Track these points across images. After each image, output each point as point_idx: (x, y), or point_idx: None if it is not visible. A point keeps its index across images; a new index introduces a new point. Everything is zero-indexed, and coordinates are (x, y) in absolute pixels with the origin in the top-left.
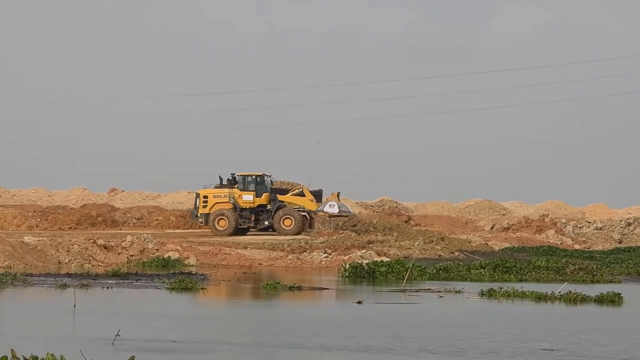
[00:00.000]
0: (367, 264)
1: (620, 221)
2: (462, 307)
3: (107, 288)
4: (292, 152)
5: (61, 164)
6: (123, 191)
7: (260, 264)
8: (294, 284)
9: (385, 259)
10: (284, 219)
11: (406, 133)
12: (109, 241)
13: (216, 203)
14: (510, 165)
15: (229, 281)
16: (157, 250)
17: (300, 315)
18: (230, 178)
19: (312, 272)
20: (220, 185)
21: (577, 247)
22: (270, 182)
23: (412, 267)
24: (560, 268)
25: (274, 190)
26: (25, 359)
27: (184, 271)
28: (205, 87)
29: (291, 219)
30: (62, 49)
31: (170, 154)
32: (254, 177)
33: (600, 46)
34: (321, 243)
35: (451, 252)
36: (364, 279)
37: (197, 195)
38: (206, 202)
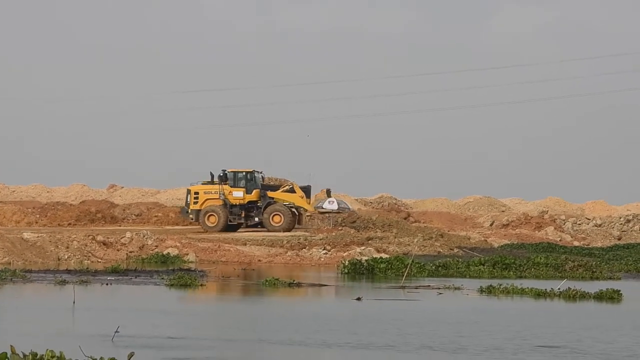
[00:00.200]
0: (366, 260)
1: (620, 218)
2: (461, 304)
3: (107, 284)
4: (292, 150)
5: (60, 161)
6: (122, 187)
7: (259, 260)
8: (293, 281)
9: (384, 256)
10: (273, 216)
11: (406, 130)
12: (108, 237)
13: (207, 199)
14: (509, 162)
15: (228, 277)
16: (156, 246)
17: (300, 312)
18: (221, 174)
19: (312, 269)
20: (212, 182)
21: (576, 243)
22: (261, 178)
23: (411, 264)
24: (560, 265)
25: (265, 187)
26: (24, 356)
27: (183, 267)
28: (205, 85)
29: (280, 216)
30: (62, 47)
31: (169, 151)
32: (244, 173)
33: (599, 44)
34: (320, 239)
35: (450, 249)
36: (363, 276)
37: (188, 191)
38: (197, 198)
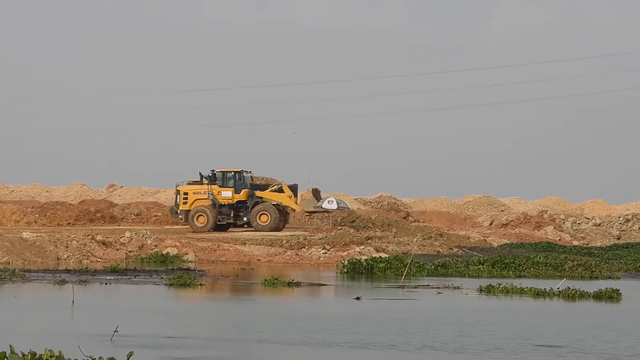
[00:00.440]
0: (365, 260)
1: (619, 217)
2: (461, 304)
3: (106, 284)
4: (292, 148)
5: (60, 160)
6: (121, 187)
7: (258, 260)
8: (293, 280)
9: (383, 255)
10: (260, 215)
11: (405, 129)
12: (107, 237)
13: (196, 199)
14: (509, 162)
15: (228, 277)
16: (155, 246)
17: (299, 311)
18: (210, 174)
19: (311, 268)
20: (200, 182)
21: (575, 243)
22: (250, 178)
23: (410, 263)
24: (559, 264)
25: (254, 187)
26: (23, 355)
27: (182, 267)
28: (204, 84)
29: (267, 215)
30: (61, 47)
31: (168, 150)
32: (232, 173)
33: (599, 43)
34: (320, 239)
35: (450, 248)
36: (363, 275)
37: (177, 192)
38: (186, 198)
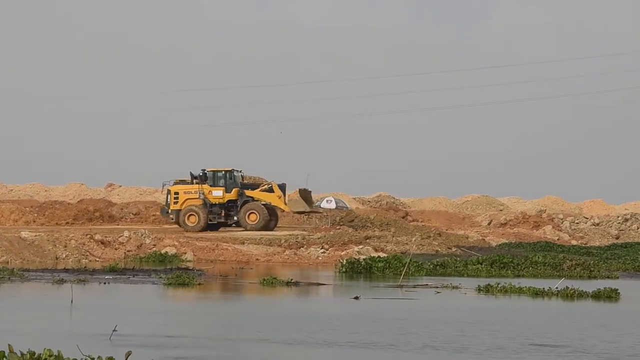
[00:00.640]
0: (364, 259)
1: (618, 217)
2: (460, 303)
3: (104, 283)
4: (291, 149)
5: (58, 160)
6: (120, 186)
7: (257, 259)
8: (291, 280)
9: (382, 255)
10: (249, 214)
11: (404, 129)
12: (106, 236)
13: (187, 199)
14: (507, 161)
15: (226, 276)
16: (154, 245)
17: (298, 311)
18: (201, 174)
19: (309, 268)
20: (191, 182)
21: (574, 242)
22: (240, 177)
23: (409, 263)
24: (558, 264)
25: (245, 186)
26: (22, 354)
27: (181, 267)
28: (203, 84)
29: (256, 214)
30: (61, 46)
31: (168, 150)
32: (223, 172)
33: (598, 44)
34: (318, 239)
35: (448, 248)
36: (361, 275)
37: (168, 191)
38: (177, 198)
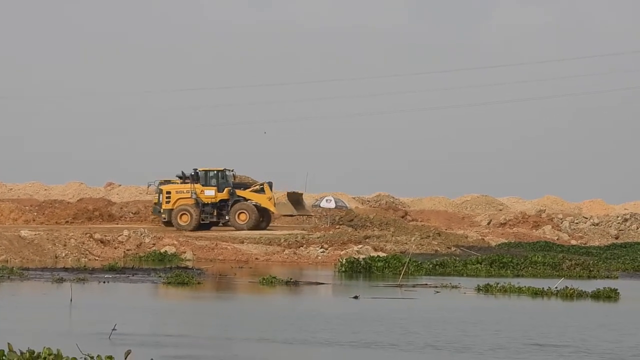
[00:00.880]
0: (363, 259)
1: (617, 217)
2: (459, 303)
3: (104, 282)
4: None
5: (58, 159)
6: (120, 185)
7: (256, 258)
8: (291, 279)
9: (381, 254)
10: (239, 214)
11: (404, 129)
12: (105, 235)
13: (179, 199)
14: (507, 161)
15: (226, 276)
16: (153, 244)
17: (298, 310)
18: (192, 173)
19: (309, 267)
20: (182, 181)
21: (573, 242)
22: (232, 176)
23: (408, 262)
24: (557, 264)
25: (237, 185)
26: (22, 353)
27: (180, 266)
28: (203, 83)
29: (246, 214)
30: (60, 45)
31: (168, 149)
32: (215, 172)
33: (598, 43)
34: (318, 238)
35: (448, 248)
36: (361, 274)
37: (160, 190)
38: (169, 197)
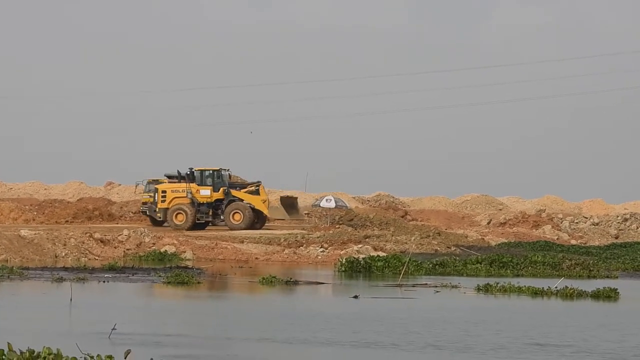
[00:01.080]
0: (363, 258)
1: (617, 217)
2: (459, 302)
3: (104, 282)
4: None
5: (58, 158)
6: (120, 185)
7: (256, 258)
8: (291, 279)
9: (381, 254)
10: (234, 214)
11: (403, 129)
12: (105, 235)
13: (174, 198)
14: (507, 161)
15: (225, 275)
16: (153, 244)
17: (298, 310)
18: (188, 172)
19: (309, 267)
20: (179, 180)
21: (573, 242)
22: (228, 176)
23: (408, 262)
24: (557, 263)
25: (232, 185)
26: (21, 353)
27: (180, 265)
28: (203, 82)
29: (240, 214)
30: (59, 45)
31: (167, 149)
32: (211, 171)
33: (598, 43)
34: (318, 238)
35: (448, 247)
36: (361, 274)
37: (156, 190)
38: (165, 196)
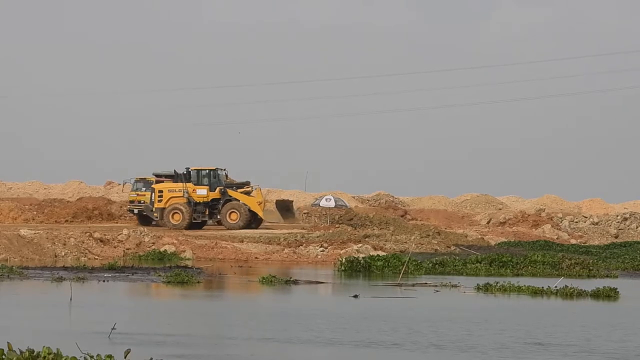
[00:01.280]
0: (363, 258)
1: (617, 216)
2: (459, 302)
3: (103, 281)
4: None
5: (58, 158)
6: (119, 184)
7: (256, 257)
8: (291, 278)
9: (381, 253)
10: (230, 213)
11: (403, 128)
12: (105, 234)
13: (171, 197)
14: (506, 160)
15: (225, 275)
16: (153, 243)
17: (298, 309)
18: (185, 172)
19: (309, 266)
20: (175, 180)
21: (573, 241)
22: (224, 175)
23: (408, 262)
24: (557, 263)
25: (229, 185)
26: (21, 352)
27: (180, 265)
28: (203, 82)
29: (237, 213)
30: (59, 44)
31: (167, 148)
32: (207, 171)
33: (596, 43)
34: (317, 237)
35: (447, 247)
36: (360, 273)
37: (153, 189)
38: (161, 196)
